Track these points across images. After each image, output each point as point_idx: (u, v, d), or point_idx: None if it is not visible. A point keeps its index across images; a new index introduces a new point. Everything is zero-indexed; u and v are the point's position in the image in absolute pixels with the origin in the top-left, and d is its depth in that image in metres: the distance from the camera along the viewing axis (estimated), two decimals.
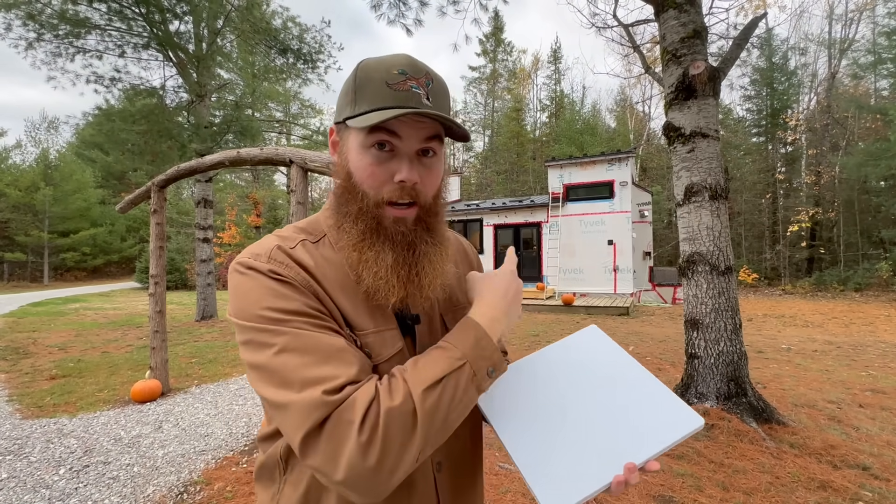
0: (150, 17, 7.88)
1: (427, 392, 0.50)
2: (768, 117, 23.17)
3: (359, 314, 0.60)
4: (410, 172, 0.58)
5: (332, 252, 0.63)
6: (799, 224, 19.31)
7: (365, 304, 0.61)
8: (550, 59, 35.06)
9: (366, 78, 0.58)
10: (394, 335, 0.61)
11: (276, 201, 30.70)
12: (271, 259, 0.57)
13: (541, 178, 27.36)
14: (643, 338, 7.31)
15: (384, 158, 0.58)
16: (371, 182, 0.59)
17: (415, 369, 0.53)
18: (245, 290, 0.56)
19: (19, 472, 2.73)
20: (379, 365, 0.58)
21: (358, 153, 0.59)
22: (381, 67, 0.58)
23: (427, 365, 0.53)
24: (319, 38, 10.50)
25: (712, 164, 3.52)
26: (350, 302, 0.60)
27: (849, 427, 3.31)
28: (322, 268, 0.60)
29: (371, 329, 0.60)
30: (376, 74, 0.57)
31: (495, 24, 33.27)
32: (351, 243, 0.61)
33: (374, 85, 0.57)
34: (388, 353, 0.60)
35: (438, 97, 0.60)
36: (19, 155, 29.79)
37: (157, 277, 4.34)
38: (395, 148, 0.58)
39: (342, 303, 0.59)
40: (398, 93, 0.56)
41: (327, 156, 2.97)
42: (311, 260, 0.60)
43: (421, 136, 0.58)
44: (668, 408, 0.58)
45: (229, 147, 8.76)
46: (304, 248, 0.62)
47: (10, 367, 5.49)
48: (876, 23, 19.34)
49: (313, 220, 0.68)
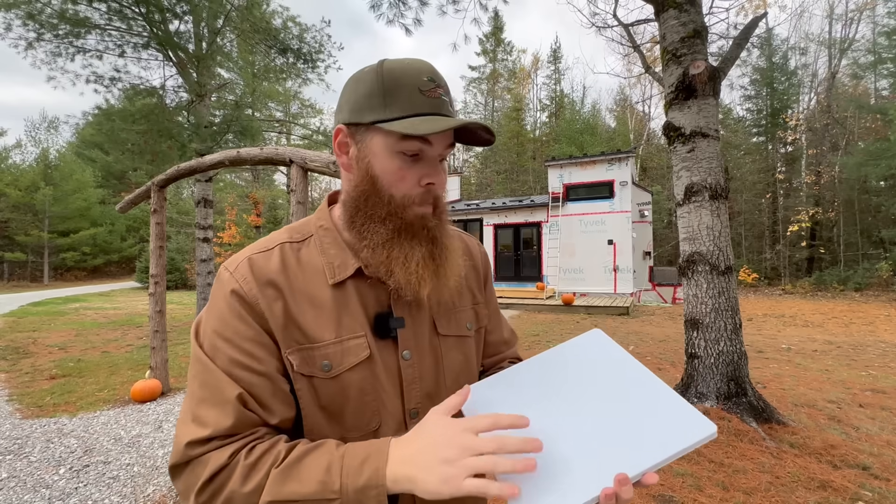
0: (150, 16, 7.87)
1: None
2: (768, 117, 23.17)
3: (320, 324, 0.60)
4: (438, 175, 0.62)
5: (316, 253, 0.64)
6: (799, 224, 19.32)
7: (334, 310, 0.61)
8: (550, 59, 35.08)
9: (395, 82, 0.57)
10: (359, 344, 0.61)
11: (276, 201, 30.70)
12: (235, 273, 0.60)
13: (541, 177, 27.36)
14: (643, 338, 7.31)
15: (412, 162, 0.60)
16: (401, 185, 0.60)
17: (286, 467, 0.49)
18: (213, 297, 0.61)
19: (19, 471, 2.73)
20: (341, 374, 0.59)
21: (386, 157, 0.60)
22: (411, 72, 0.58)
23: (301, 472, 0.49)
24: (319, 37, 10.49)
25: (712, 163, 3.52)
26: (313, 310, 0.60)
27: (849, 427, 3.31)
28: (292, 274, 0.61)
29: (331, 340, 0.59)
30: (406, 80, 0.57)
31: (495, 24, 33.26)
32: (380, 242, 0.61)
33: (407, 91, 0.57)
34: (351, 362, 0.60)
35: (453, 105, 0.63)
36: (19, 155, 29.81)
37: (157, 277, 4.34)
38: (422, 153, 0.60)
39: (303, 312, 0.60)
40: (432, 100, 0.58)
41: (327, 156, 2.96)
42: (278, 268, 0.61)
43: (446, 143, 0.61)
44: (676, 414, 0.53)
45: (229, 147, 8.76)
46: (280, 253, 0.63)
47: (10, 366, 5.49)
48: (876, 23, 19.34)
49: (304, 222, 0.69)
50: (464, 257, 0.75)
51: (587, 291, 13.26)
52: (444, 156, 0.63)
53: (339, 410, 0.60)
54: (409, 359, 0.65)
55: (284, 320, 0.58)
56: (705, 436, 0.50)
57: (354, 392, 0.60)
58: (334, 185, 41.12)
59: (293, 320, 0.59)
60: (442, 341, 0.69)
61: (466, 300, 0.75)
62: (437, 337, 0.68)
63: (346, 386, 0.59)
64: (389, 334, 0.63)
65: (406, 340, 0.64)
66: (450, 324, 0.70)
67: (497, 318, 0.83)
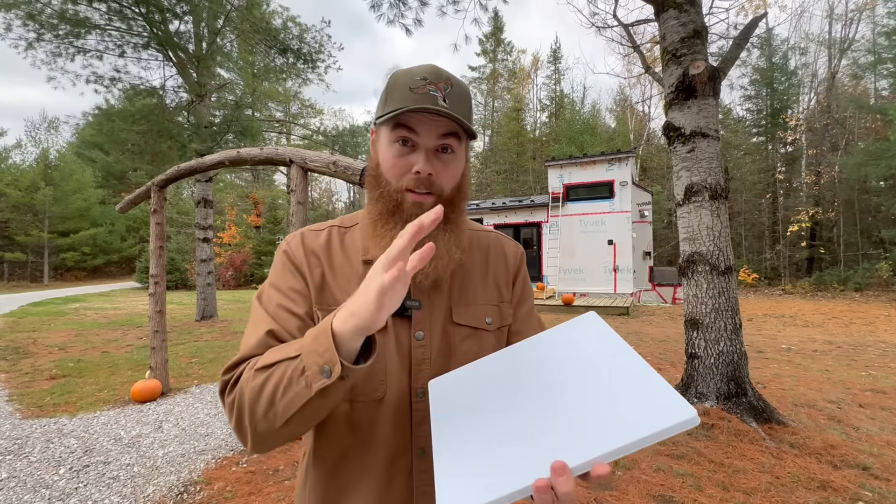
0: (150, 16, 7.87)
1: (257, 373, 0.56)
2: (768, 117, 23.17)
3: (348, 292, 0.67)
4: (425, 164, 0.65)
5: (358, 238, 0.75)
6: (799, 224, 19.31)
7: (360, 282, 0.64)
8: (550, 59, 35.07)
9: (394, 84, 0.67)
10: None
11: (276, 201, 30.70)
12: (291, 241, 0.74)
13: (541, 178, 27.36)
14: (643, 338, 7.31)
15: (405, 152, 0.67)
16: (393, 172, 0.67)
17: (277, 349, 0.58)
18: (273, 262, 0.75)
19: (19, 471, 2.73)
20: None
21: (385, 147, 0.68)
22: (408, 75, 0.66)
23: (283, 349, 0.57)
24: (319, 38, 10.50)
25: (712, 163, 3.52)
26: (345, 281, 0.71)
27: (849, 427, 3.31)
28: (333, 251, 0.74)
29: None
30: (402, 81, 0.66)
31: (495, 24, 33.26)
32: (371, 220, 0.70)
33: (400, 90, 0.65)
34: None
35: (456, 100, 0.66)
36: (19, 155, 29.83)
37: (157, 277, 4.34)
38: (416, 144, 0.66)
39: (336, 281, 0.71)
40: (417, 95, 0.64)
41: (327, 156, 2.97)
42: (323, 244, 0.74)
43: (437, 133, 0.66)
44: (653, 399, 0.45)
45: (229, 147, 8.76)
46: (328, 234, 0.76)
47: (10, 367, 5.49)
48: (876, 23, 19.34)
49: (356, 213, 0.80)
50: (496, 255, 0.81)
51: (587, 291, 13.25)
52: (445, 146, 0.67)
53: None
54: (422, 339, 0.70)
55: (321, 283, 0.70)
56: (678, 421, 0.41)
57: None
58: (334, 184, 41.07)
59: (327, 285, 0.70)
60: (456, 330, 0.72)
61: (490, 296, 0.77)
62: (452, 325, 0.72)
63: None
64: (404, 313, 0.68)
65: (420, 322, 0.70)
66: (466, 314, 0.73)
67: (530, 322, 0.82)
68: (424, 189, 0.67)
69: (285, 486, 2.55)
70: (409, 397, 0.68)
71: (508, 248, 0.84)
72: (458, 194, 0.71)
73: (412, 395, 0.68)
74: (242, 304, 14.40)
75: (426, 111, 0.63)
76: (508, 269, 0.81)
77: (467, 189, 0.74)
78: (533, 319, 0.82)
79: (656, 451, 2.86)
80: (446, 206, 0.67)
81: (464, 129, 0.67)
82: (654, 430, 0.41)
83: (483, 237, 0.82)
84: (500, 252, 0.81)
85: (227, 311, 12.00)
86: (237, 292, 20.85)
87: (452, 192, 0.70)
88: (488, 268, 0.79)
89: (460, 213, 0.72)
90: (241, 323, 9.58)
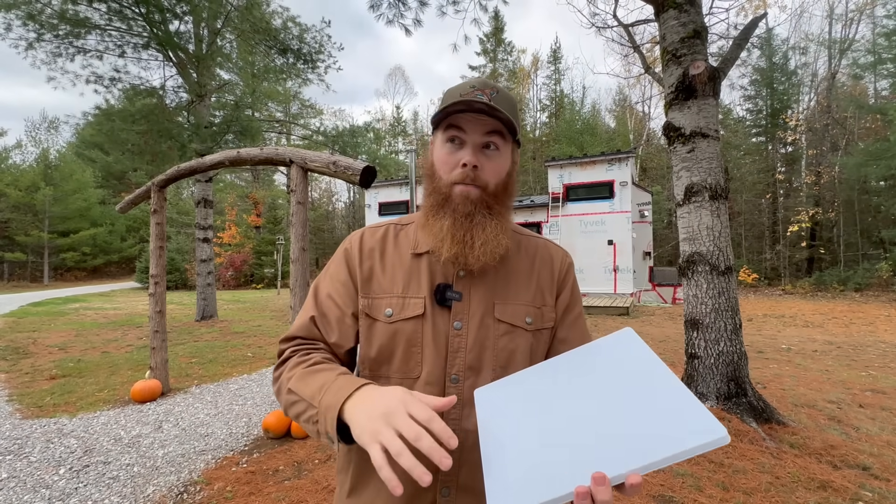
0: (150, 17, 7.87)
1: (289, 394, 0.68)
2: (768, 117, 23.15)
3: (394, 281, 0.77)
4: (471, 156, 0.72)
5: (412, 234, 0.82)
6: (799, 224, 19.30)
7: (407, 274, 0.78)
8: (550, 60, 35.06)
9: (448, 94, 0.75)
10: (417, 302, 0.75)
11: (276, 201, 30.69)
12: (352, 238, 0.83)
13: (541, 178, 27.35)
14: (643, 338, 7.30)
15: (455, 150, 0.75)
16: (444, 168, 0.75)
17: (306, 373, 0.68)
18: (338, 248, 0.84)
19: (19, 471, 2.73)
20: (398, 322, 0.74)
21: (439, 147, 0.77)
22: (460, 87, 0.75)
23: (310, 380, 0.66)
24: (319, 38, 10.49)
25: (712, 164, 3.52)
26: (393, 271, 0.78)
27: (849, 427, 3.31)
28: (387, 245, 0.81)
29: (397, 293, 0.76)
30: (454, 92, 0.75)
31: (495, 24, 33.26)
32: (425, 212, 0.78)
33: (451, 96, 0.74)
34: (407, 315, 0.74)
35: (500, 104, 0.72)
36: (19, 155, 29.82)
37: (157, 277, 4.34)
38: (464, 141, 0.74)
39: (385, 272, 0.79)
40: (465, 99, 0.71)
41: (327, 156, 2.97)
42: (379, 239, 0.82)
43: (482, 130, 0.73)
44: (686, 416, 0.48)
45: (229, 147, 8.75)
46: (385, 230, 0.84)
47: (10, 367, 5.49)
48: (876, 23, 19.33)
49: (414, 213, 0.87)
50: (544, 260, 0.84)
51: (587, 292, 13.25)
52: (490, 143, 0.74)
53: (389, 354, 0.74)
54: (460, 329, 0.74)
55: (369, 275, 0.79)
56: (710, 440, 0.44)
57: (404, 340, 0.73)
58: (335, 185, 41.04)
59: (376, 277, 0.78)
60: (495, 325, 0.75)
61: (533, 298, 0.80)
62: (492, 319, 0.76)
63: (399, 332, 0.74)
64: (445, 303, 0.74)
65: (459, 313, 0.75)
66: (507, 311, 0.77)
67: (578, 331, 0.83)
68: (470, 181, 0.73)
69: (285, 487, 2.55)
70: (443, 381, 0.73)
71: (556, 254, 0.87)
72: (504, 190, 0.77)
73: (446, 380, 0.73)
74: (242, 304, 14.40)
75: (470, 107, 0.70)
76: (554, 275, 0.83)
77: (513, 188, 0.80)
78: (579, 327, 0.84)
79: None
80: (491, 199, 0.75)
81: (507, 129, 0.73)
82: (688, 446, 0.45)
83: (532, 242, 0.87)
84: (546, 258, 0.85)
85: (227, 311, 12.00)
86: (237, 292, 20.85)
87: (497, 188, 0.76)
88: (533, 271, 0.82)
89: (505, 207, 0.78)
90: (240, 323, 9.58)
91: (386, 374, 0.74)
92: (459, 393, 0.72)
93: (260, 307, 13.31)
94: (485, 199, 0.74)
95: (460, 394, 0.72)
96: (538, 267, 0.83)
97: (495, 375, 0.72)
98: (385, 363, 0.74)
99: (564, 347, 0.80)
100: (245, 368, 5.51)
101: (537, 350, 0.79)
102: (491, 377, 0.72)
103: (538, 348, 0.79)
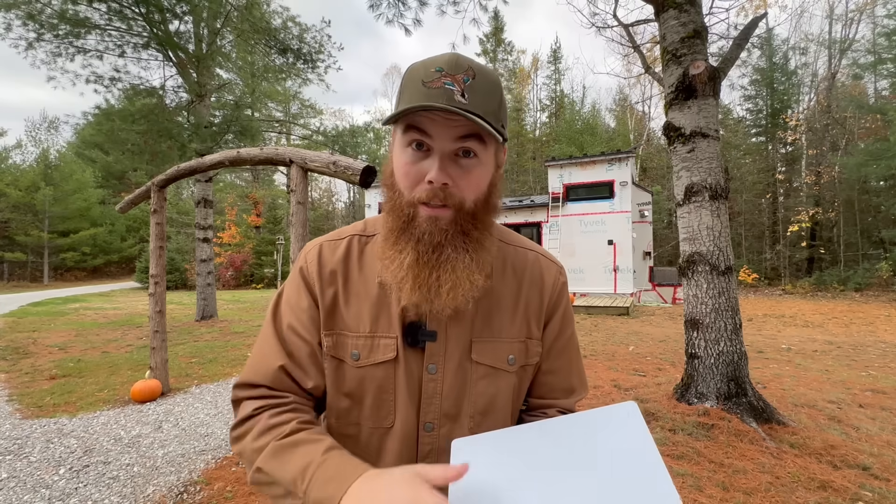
0: (150, 16, 7.87)
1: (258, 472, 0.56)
2: (768, 117, 23.16)
3: (360, 316, 0.65)
4: (438, 173, 0.55)
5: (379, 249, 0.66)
6: (799, 224, 19.31)
7: (375, 307, 0.65)
8: (550, 59, 35.07)
9: (408, 79, 0.58)
10: (388, 344, 0.64)
11: (276, 201, 30.70)
12: (308, 254, 0.69)
13: (541, 178, 27.35)
14: (643, 338, 7.31)
15: (419, 158, 0.57)
16: (405, 181, 0.59)
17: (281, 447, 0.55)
18: (292, 270, 0.72)
19: (19, 471, 2.73)
20: (366, 367, 0.64)
21: (399, 151, 0.60)
22: (423, 67, 0.56)
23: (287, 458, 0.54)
24: (319, 37, 10.49)
25: (712, 164, 3.52)
26: (359, 302, 0.66)
27: (849, 427, 3.31)
28: (350, 266, 0.68)
29: (365, 333, 0.64)
30: (415, 75, 0.56)
31: (496, 25, 33.26)
32: (383, 236, 0.64)
33: (412, 84, 0.56)
34: (378, 359, 0.64)
35: (479, 94, 0.56)
36: (19, 155, 29.81)
37: (157, 277, 4.34)
38: (431, 148, 0.57)
39: (349, 303, 0.66)
40: (430, 90, 0.54)
41: (327, 156, 2.96)
42: (341, 259, 0.68)
43: (453, 135, 0.56)
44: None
45: (229, 147, 8.76)
46: (348, 245, 0.69)
47: (10, 367, 5.49)
48: (876, 23, 19.33)
49: (378, 217, 0.71)
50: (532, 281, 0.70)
51: (587, 291, 13.25)
52: (467, 149, 0.57)
53: (359, 400, 0.64)
54: (434, 373, 0.64)
55: (332, 306, 0.66)
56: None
57: (374, 387, 0.64)
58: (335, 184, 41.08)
59: (338, 308, 0.66)
60: (474, 368, 0.65)
61: (518, 331, 0.68)
62: (470, 362, 0.65)
63: (367, 378, 0.64)
64: (418, 344, 0.64)
65: (434, 355, 0.64)
66: (487, 352, 0.66)
67: (565, 359, 0.73)
68: (439, 202, 0.57)
69: None
70: (416, 430, 0.65)
71: (548, 274, 0.72)
72: (485, 205, 0.61)
73: (420, 428, 0.65)
74: (242, 304, 14.40)
75: (436, 109, 0.53)
76: (543, 301, 0.70)
77: (497, 198, 0.63)
78: (569, 357, 0.74)
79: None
80: (467, 221, 0.59)
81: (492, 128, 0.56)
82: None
83: (521, 256, 0.72)
84: (537, 278, 0.71)
85: (227, 311, 12.00)
86: (237, 292, 20.85)
87: (475, 205, 0.59)
88: (520, 296, 0.69)
89: (485, 228, 0.62)
90: (240, 323, 9.58)
91: (356, 421, 0.65)
92: (434, 441, 0.65)
93: (260, 307, 13.30)
94: (459, 222, 0.59)
95: (434, 442, 0.65)
96: (526, 291, 0.69)
97: (473, 423, 0.65)
98: (354, 409, 0.65)
99: (550, 378, 0.72)
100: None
101: (521, 388, 0.71)
102: (469, 424, 0.65)
103: (522, 386, 0.71)
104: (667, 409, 3.48)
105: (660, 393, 3.92)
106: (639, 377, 4.67)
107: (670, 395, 3.73)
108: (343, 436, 0.65)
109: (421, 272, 0.58)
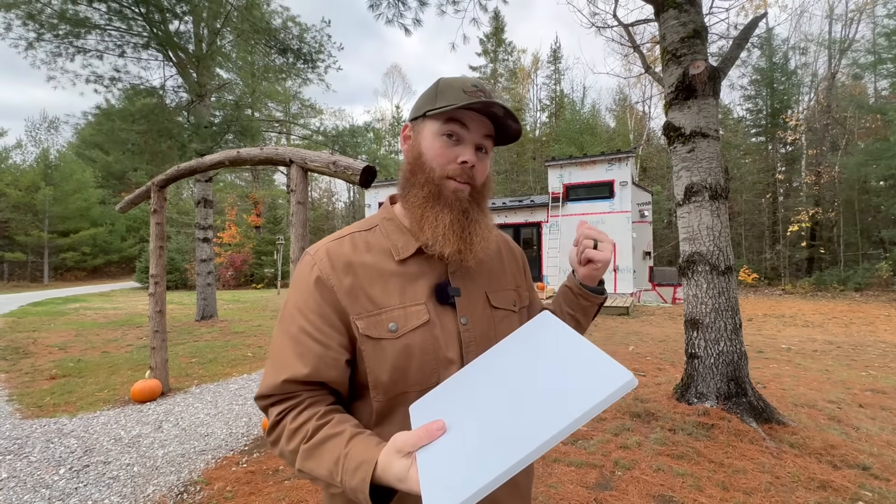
0: (150, 16, 7.87)
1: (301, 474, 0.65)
2: (768, 117, 23.15)
3: (387, 293, 0.72)
4: (472, 155, 0.74)
5: (382, 238, 0.77)
6: (799, 224, 19.31)
7: (399, 282, 0.73)
8: (550, 59, 35.06)
9: (447, 86, 0.74)
10: (419, 310, 0.72)
11: (276, 201, 30.69)
12: (315, 257, 0.74)
13: (541, 178, 27.35)
14: (643, 338, 7.31)
15: (451, 144, 0.74)
16: (439, 160, 0.74)
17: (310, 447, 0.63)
18: (295, 278, 0.76)
19: (19, 471, 2.73)
20: (406, 334, 0.70)
21: (432, 138, 0.75)
22: (459, 82, 0.74)
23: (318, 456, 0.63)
24: (319, 37, 10.49)
25: (712, 163, 3.52)
26: (381, 282, 0.73)
27: (849, 427, 3.31)
28: (362, 253, 0.75)
29: (396, 305, 0.72)
30: (455, 84, 0.73)
31: (496, 25, 33.25)
32: (417, 203, 0.75)
33: (453, 90, 0.73)
34: (413, 325, 0.71)
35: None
36: (19, 155, 29.82)
37: (157, 277, 4.34)
38: (462, 138, 0.74)
39: (372, 284, 0.73)
40: (471, 96, 0.71)
41: (327, 156, 2.96)
42: (350, 249, 0.75)
43: (482, 131, 0.75)
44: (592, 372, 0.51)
45: (229, 147, 8.75)
46: (352, 239, 0.77)
47: (10, 366, 5.49)
48: (876, 23, 19.32)
49: (369, 218, 0.83)
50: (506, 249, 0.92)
51: None
52: (482, 145, 0.75)
53: (404, 368, 0.70)
54: (467, 324, 0.75)
55: (355, 291, 0.71)
56: (616, 387, 0.47)
57: (417, 350, 0.70)
58: (334, 184, 41.06)
59: (363, 291, 0.72)
60: (494, 313, 0.79)
61: (511, 282, 0.87)
62: (491, 308, 0.79)
63: (410, 344, 0.70)
64: (448, 301, 0.74)
65: (464, 308, 0.76)
66: (500, 298, 0.82)
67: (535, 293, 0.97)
68: (464, 179, 0.74)
69: (285, 487, 2.55)
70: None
71: (513, 244, 0.97)
72: (486, 189, 0.80)
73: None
74: (242, 304, 14.40)
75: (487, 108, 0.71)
76: (518, 262, 0.93)
77: (492, 186, 0.84)
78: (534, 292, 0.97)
79: (656, 452, 2.86)
80: (478, 195, 0.78)
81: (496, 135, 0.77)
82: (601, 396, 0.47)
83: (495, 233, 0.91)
84: (508, 247, 0.93)
85: (227, 311, 12.00)
86: (237, 292, 20.85)
87: (482, 187, 0.79)
88: (503, 259, 0.89)
89: (486, 205, 0.81)
90: (240, 323, 9.58)
91: (403, 391, 0.70)
92: None
93: (260, 307, 13.30)
94: (474, 195, 0.77)
95: None
96: (506, 256, 0.90)
97: None
98: (400, 380, 0.70)
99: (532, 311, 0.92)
100: (245, 368, 5.51)
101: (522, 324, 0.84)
102: None
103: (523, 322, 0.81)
104: (667, 408, 3.48)
105: (660, 393, 3.92)
106: (639, 377, 4.67)
107: (670, 394, 3.74)
108: (391, 407, 0.71)
109: (458, 228, 0.73)
